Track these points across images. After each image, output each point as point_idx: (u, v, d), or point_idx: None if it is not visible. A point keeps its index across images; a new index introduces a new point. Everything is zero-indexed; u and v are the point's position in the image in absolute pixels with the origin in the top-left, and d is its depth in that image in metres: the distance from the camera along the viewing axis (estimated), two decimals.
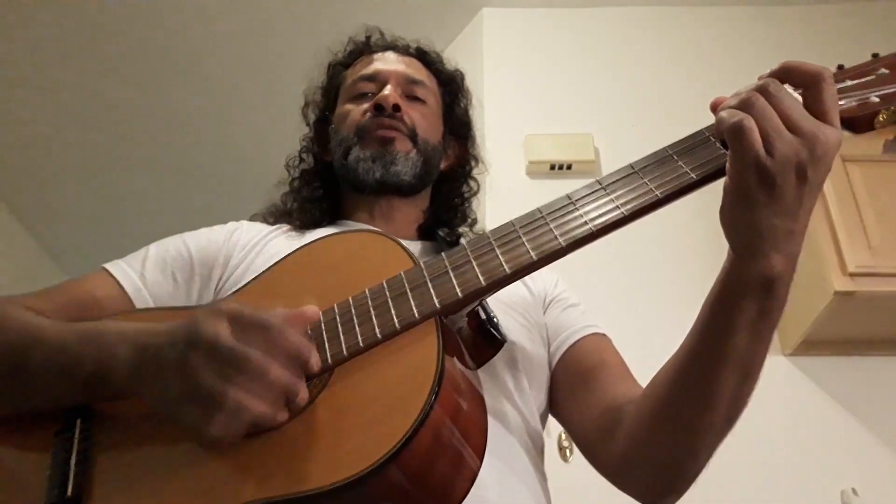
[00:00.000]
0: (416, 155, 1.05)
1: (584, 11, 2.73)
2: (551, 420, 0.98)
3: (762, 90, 0.62)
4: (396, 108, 1.04)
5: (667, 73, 2.61)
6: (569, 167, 2.42)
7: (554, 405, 0.96)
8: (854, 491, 1.86)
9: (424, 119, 1.08)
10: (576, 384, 0.92)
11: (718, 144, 0.67)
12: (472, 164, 1.20)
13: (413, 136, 1.05)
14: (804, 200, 0.62)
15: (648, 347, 1.05)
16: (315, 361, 0.64)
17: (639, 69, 2.62)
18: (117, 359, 0.69)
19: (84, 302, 0.87)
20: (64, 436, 0.72)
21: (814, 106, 0.62)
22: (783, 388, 2.03)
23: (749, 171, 0.61)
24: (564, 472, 1.25)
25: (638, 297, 2.15)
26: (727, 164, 0.63)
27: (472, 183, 1.20)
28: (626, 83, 2.59)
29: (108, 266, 0.93)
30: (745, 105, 0.62)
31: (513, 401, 0.87)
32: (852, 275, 1.89)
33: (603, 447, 0.85)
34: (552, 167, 2.42)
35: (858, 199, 1.99)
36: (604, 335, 0.98)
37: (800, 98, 0.63)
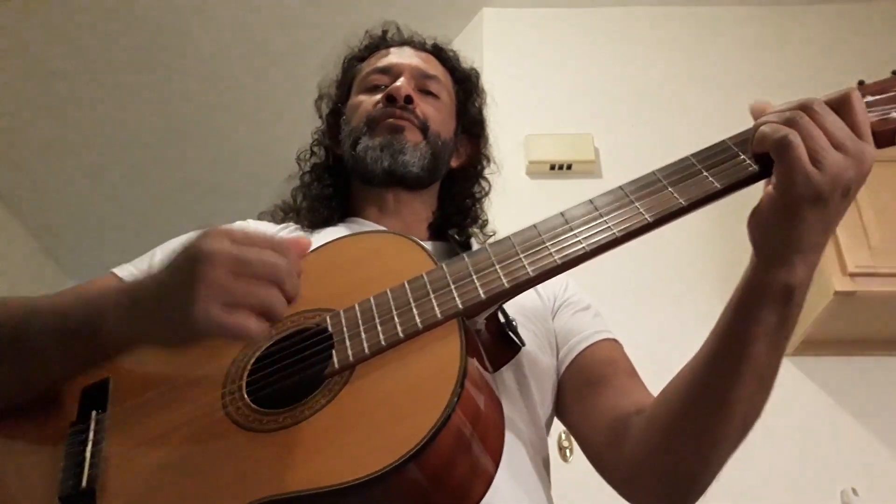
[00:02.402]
0: (426, 147, 1.03)
1: (584, 11, 2.74)
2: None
3: (805, 108, 0.63)
4: (409, 99, 1.03)
5: (667, 73, 2.61)
6: (569, 167, 2.42)
7: (561, 411, 0.95)
8: (854, 491, 1.87)
9: (437, 113, 1.07)
10: (584, 391, 0.91)
11: (743, 157, 0.67)
12: (484, 163, 1.19)
13: (424, 129, 1.04)
14: (841, 214, 0.64)
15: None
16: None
17: (639, 69, 2.62)
18: (105, 308, 0.69)
19: None
20: (79, 427, 0.72)
21: (850, 125, 0.63)
22: (783, 388, 1.99)
23: (798, 187, 0.61)
24: (564, 472, 1.24)
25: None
26: (773, 178, 0.64)
27: (483, 183, 1.19)
28: (626, 83, 2.60)
29: (115, 269, 0.94)
30: (789, 122, 0.62)
31: (519, 407, 0.87)
32: (852, 275, 1.90)
33: (610, 456, 0.85)
34: (552, 167, 2.42)
35: (858, 199, 1.97)
36: (614, 341, 0.96)
37: None
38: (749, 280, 0.68)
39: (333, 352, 0.69)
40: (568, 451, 1.77)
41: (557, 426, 0.98)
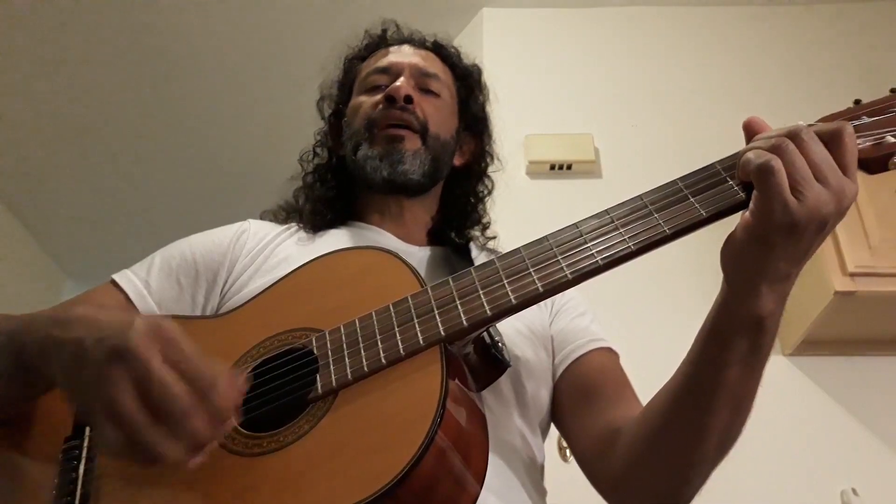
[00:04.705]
0: (425, 153, 1.03)
1: (584, 11, 2.73)
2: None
3: (793, 136, 0.62)
4: (408, 99, 1.03)
5: (667, 73, 2.61)
6: (569, 167, 2.42)
7: (555, 416, 0.95)
8: (854, 491, 1.86)
9: (437, 113, 1.07)
10: (577, 400, 0.92)
11: (731, 183, 0.66)
12: (487, 160, 1.18)
13: (424, 131, 1.04)
14: (813, 248, 0.63)
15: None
16: (229, 426, 0.60)
17: (639, 69, 2.62)
18: (31, 334, 0.66)
19: None
20: (72, 443, 0.72)
21: (837, 160, 0.62)
22: (783, 388, 2.03)
23: (775, 215, 0.60)
24: (564, 471, 1.24)
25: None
26: (751, 204, 0.63)
27: (486, 181, 1.18)
28: (626, 83, 2.59)
29: (114, 276, 0.94)
30: (774, 149, 0.61)
31: (515, 416, 0.87)
32: (852, 275, 1.89)
33: (599, 466, 0.86)
34: (552, 167, 2.42)
35: (858, 199, 1.97)
36: (609, 349, 0.97)
37: None
38: (719, 309, 0.68)
39: (317, 376, 0.69)
40: (568, 451, 1.77)
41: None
